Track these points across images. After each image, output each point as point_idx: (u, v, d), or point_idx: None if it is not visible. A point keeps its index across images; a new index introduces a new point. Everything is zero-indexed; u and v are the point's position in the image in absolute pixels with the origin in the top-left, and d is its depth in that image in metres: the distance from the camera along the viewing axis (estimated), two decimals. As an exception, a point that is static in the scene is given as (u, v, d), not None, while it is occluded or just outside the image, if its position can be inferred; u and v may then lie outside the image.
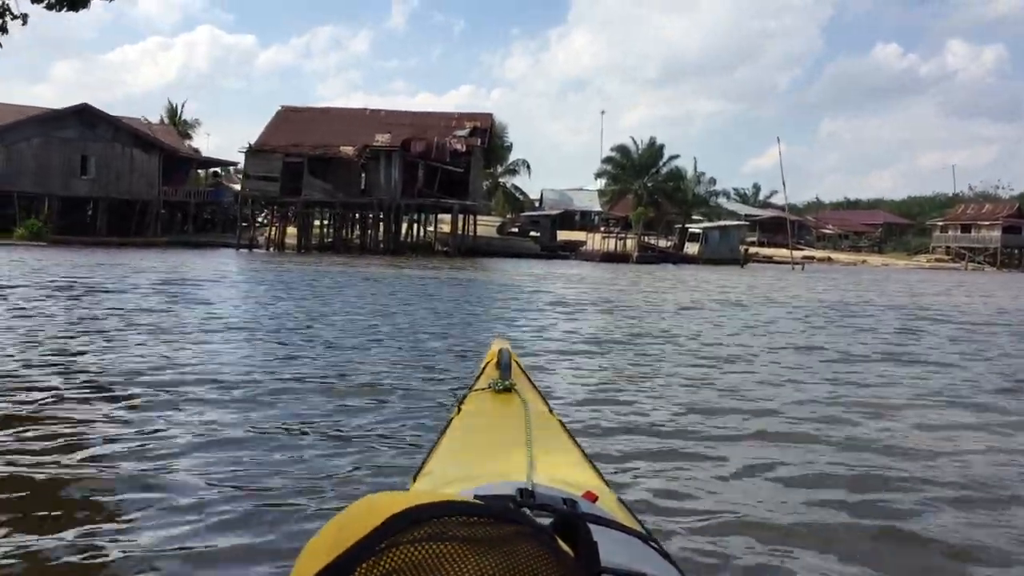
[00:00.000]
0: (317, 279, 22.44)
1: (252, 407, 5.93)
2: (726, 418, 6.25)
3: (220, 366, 7.73)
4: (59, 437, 4.93)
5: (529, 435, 1.58)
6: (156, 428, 5.23)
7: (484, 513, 0.59)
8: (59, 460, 4.45)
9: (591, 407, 6.45)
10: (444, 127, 51.38)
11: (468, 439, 1.80)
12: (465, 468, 1.55)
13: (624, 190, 73.84)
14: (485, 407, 1.94)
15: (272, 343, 9.54)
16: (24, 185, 50.66)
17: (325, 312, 13.47)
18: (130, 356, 8.09)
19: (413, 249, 50.33)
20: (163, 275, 20.90)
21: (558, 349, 10.08)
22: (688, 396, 7.13)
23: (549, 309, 15.68)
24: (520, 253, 52.40)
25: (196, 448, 4.76)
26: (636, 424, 5.93)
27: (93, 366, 7.44)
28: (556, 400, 6.38)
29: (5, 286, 15.91)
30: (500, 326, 12.37)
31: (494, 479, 1.37)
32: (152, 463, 4.43)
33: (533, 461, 1.43)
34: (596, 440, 5.27)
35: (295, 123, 51.49)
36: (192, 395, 6.27)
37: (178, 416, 5.59)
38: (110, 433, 5.12)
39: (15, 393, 6.13)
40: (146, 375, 7.04)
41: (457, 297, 17.66)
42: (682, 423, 6.03)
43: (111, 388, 6.51)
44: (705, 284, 27.93)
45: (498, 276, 28.36)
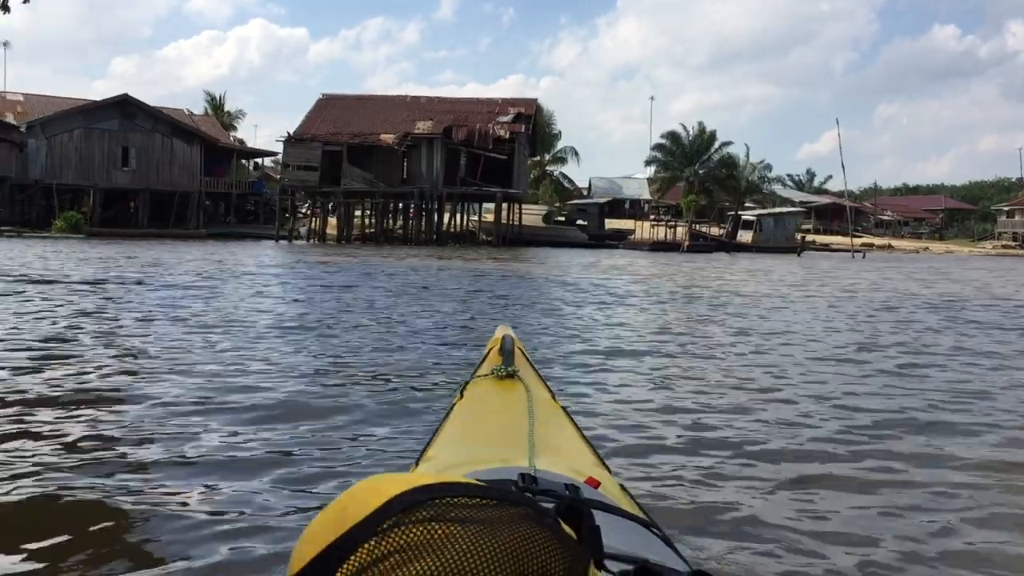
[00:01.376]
0: (346, 272, 21.13)
1: (261, 391, 5.89)
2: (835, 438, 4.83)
3: (230, 355, 7.51)
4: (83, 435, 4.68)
5: (531, 421, 1.58)
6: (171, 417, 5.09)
7: (486, 495, 0.59)
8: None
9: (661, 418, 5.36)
10: (487, 113, 49.85)
11: (470, 425, 1.79)
12: (467, 453, 1.55)
13: (675, 177, 72.39)
14: (488, 393, 1.92)
15: (287, 340, 8.63)
16: (66, 178, 50.30)
17: (344, 308, 12.07)
18: (90, 371, 6.75)
19: (456, 239, 48.95)
20: (181, 270, 19.73)
21: (610, 349, 8.62)
22: (782, 414, 5.56)
23: (598, 302, 14.11)
24: (566, 242, 50.73)
25: (208, 431, 4.77)
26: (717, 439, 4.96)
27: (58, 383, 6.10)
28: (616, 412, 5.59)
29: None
30: (542, 322, 10.87)
31: (496, 464, 1.37)
32: (169, 448, 4.40)
33: (535, 447, 1.43)
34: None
35: (335, 111, 50.32)
36: (203, 385, 6.11)
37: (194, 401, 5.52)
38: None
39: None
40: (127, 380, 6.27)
41: (491, 288, 16.19)
42: (788, 444, 4.86)
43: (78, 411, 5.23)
44: (764, 273, 26.09)
45: (541, 267, 26.81)
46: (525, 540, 0.57)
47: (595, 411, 5.57)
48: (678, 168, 72.08)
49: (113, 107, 51.89)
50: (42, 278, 15.85)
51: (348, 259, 27.63)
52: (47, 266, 19.53)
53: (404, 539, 0.55)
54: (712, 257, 42.13)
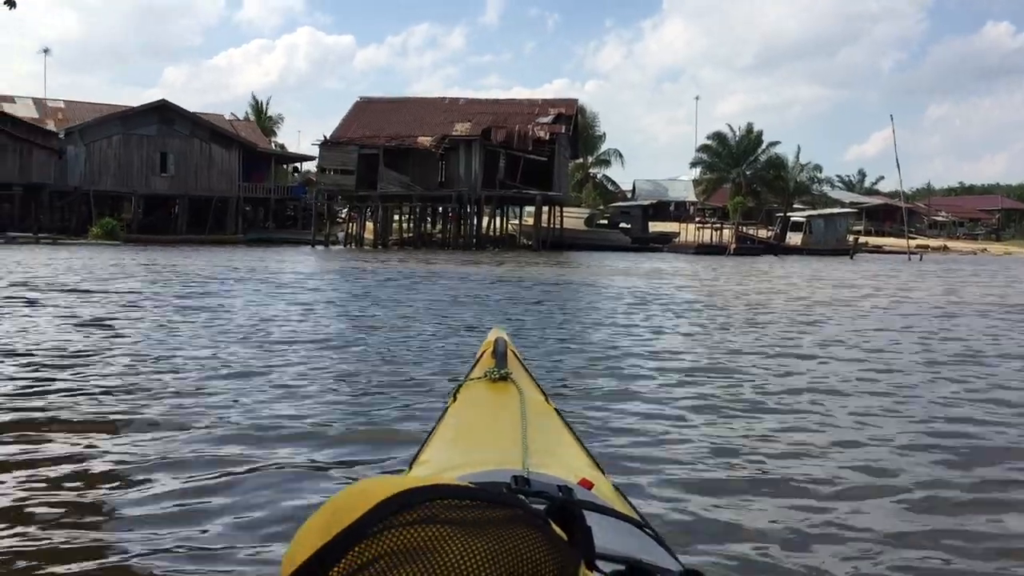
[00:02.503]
0: (375, 278, 20.12)
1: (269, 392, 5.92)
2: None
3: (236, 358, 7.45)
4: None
5: (525, 423, 1.59)
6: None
7: (476, 497, 0.59)
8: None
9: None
10: (527, 114, 48.69)
11: (463, 428, 1.79)
12: (460, 456, 1.55)
13: (721, 179, 70.76)
14: (481, 396, 1.93)
15: (303, 356, 7.87)
16: (105, 184, 50.16)
17: (353, 319, 11.01)
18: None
19: (495, 243, 47.82)
20: (199, 277, 18.85)
21: (662, 367, 7.44)
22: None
23: (643, 311, 12.88)
24: (609, 246, 49.35)
25: (206, 434, 4.76)
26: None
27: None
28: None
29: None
30: (582, 334, 9.70)
31: (489, 467, 1.37)
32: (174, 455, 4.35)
33: (528, 449, 1.44)
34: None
35: (372, 114, 49.50)
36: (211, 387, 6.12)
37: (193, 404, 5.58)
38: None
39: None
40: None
41: (524, 295, 15.05)
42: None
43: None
44: (818, 278, 24.58)
45: (580, 272, 25.60)
46: (515, 542, 0.57)
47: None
48: (724, 169, 70.35)
49: (151, 112, 51.67)
50: (60, 287, 15.04)
51: (378, 265, 26.68)
52: (67, 273, 18.79)
53: (394, 542, 0.55)
54: (760, 260, 40.50)
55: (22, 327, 9.38)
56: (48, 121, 53.06)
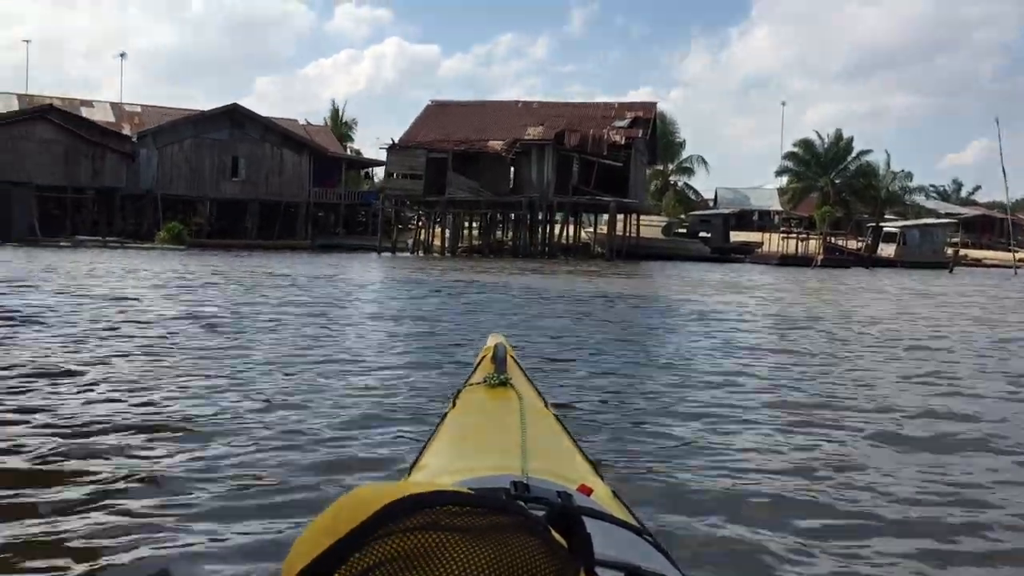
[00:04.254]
0: (425, 289, 18.54)
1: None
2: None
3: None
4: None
5: (524, 429, 1.58)
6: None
7: (477, 503, 0.59)
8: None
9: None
10: (602, 118, 46.69)
11: (463, 433, 1.79)
12: (459, 461, 1.55)
13: (808, 187, 68.04)
14: (480, 401, 1.92)
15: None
16: (176, 188, 49.91)
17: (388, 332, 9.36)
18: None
19: (567, 252, 45.88)
20: (239, 287, 17.51)
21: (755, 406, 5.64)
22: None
23: (722, 331, 10.92)
24: (687, 256, 47.02)
25: (206, 439, 4.69)
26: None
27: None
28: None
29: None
30: (654, 359, 7.88)
31: (488, 472, 1.37)
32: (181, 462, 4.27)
33: (527, 455, 1.44)
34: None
35: (443, 117, 48.09)
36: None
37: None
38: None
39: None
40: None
41: (590, 311, 13.22)
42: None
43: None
44: (926, 294, 22.08)
45: (654, 284, 23.60)
46: (516, 549, 0.57)
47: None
48: (812, 178, 67.52)
49: (223, 116, 51.29)
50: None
51: (435, 275, 25.13)
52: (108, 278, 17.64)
53: (395, 548, 0.55)
54: (850, 273, 37.68)
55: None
56: (124, 125, 53.19)
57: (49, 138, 45.82)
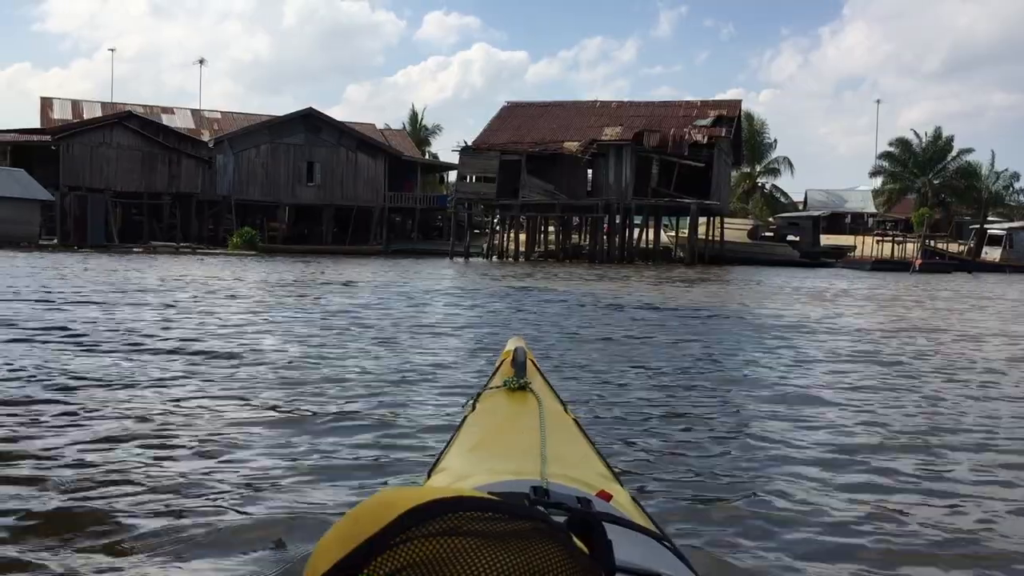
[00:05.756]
0: (497, 296, 17.20)
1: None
2: None
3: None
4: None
5: (543, 433, 1.58)
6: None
7: (499, 509, 0.59)
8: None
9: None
10: (683, 117, 44.73)
11: (482, 437, 1.79)
12: (479, 465, 1.55)
13: (904, 189, 64.99)
14: (499, 405, 1.92)
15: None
16: (252, 194, 49.89)
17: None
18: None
19: (646, 257, 44.03)
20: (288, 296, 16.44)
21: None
22: None
23: (813, 350, 9.24)
24: (774, 260, 44.69)
25: (224, 443, 4.50)
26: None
27: None
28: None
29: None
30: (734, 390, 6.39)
31: (507, 476, 1.37)
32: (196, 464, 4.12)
33: (547, 459, 1.44)
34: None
35: (518, 119, 46.76)
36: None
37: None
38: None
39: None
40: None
41: (658, 320, 11.65)
42: None
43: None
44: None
45: (735, 291, 21.77)
46: (537, 555, 0.57)
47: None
48: (908, 179, 64.31)
49: (298, 121, 51.08)
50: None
51: (505, 282, 23.81)
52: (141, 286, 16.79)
53: (416, 553, 0.55)
54: (952, 279, 34.90)
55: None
56: (204, 131, 53.51)
57: (128, 144, 46.17)
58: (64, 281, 17.21)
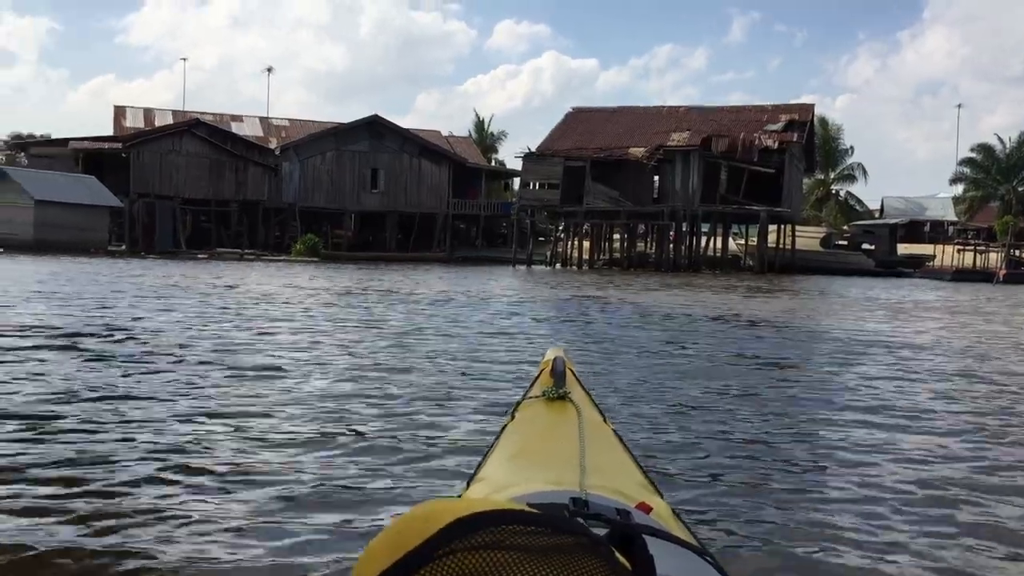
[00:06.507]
0: (556, 306, 16.52)
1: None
2: None
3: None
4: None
5: (582, 443, 1.58)
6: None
7: (542, 523, 0.59)
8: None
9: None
10: (753, 122, 43.46)
11: (521, 446, 1.79)
12: (517, 475, 1.55)
13: (987, 196, 62.73)
14: (538, 415, 1.91)
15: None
16: (317, 200, 50.08)
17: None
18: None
19: (713, 265, 42.85)
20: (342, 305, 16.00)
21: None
22: None
23: (901, 374, 8.37)
24: (848, 269, 43.12)
25: (262, 449, 4.47)
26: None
27: None
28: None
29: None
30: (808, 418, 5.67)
31: (546, 486, 1.38)
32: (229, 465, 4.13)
33: (586, 469, 1.43)
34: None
35: (583, 124, 46.02)
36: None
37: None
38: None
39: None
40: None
41: (721, 333, 10.84)
42: None
43: None
44: None
45: (806, 302, 20.72)
46: (579, 569, 0.56)
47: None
48: (991, 185, 61.93)
49: (363, 128, 51.14)
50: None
51: (566, 291, 23.12)
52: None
53: (459, 566, 0.55)
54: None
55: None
56: (272, 139, 53.93)
57: (196, 152, 46.71)
58: (99, 286, 17.05)
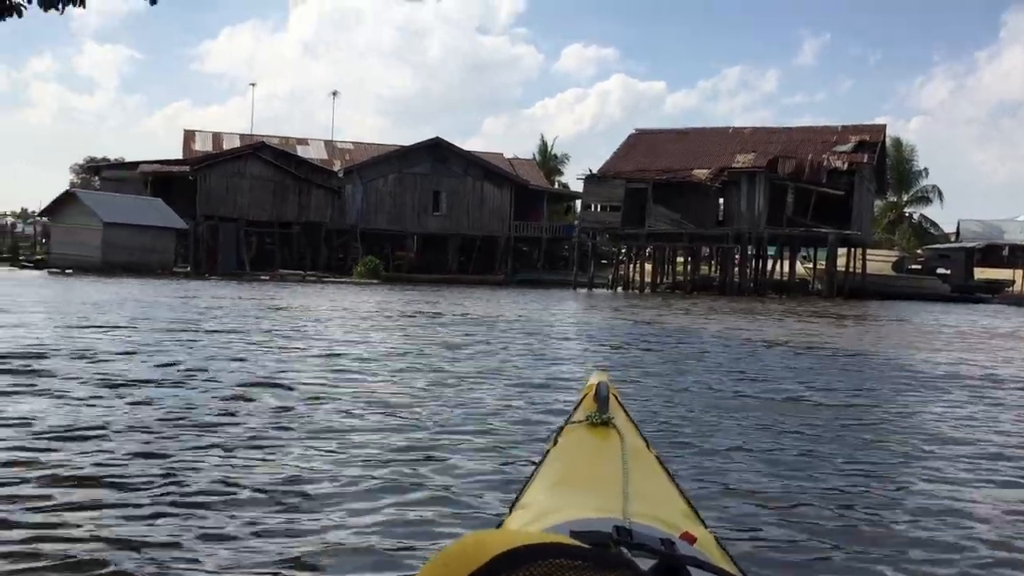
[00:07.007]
0: (613, 333, 15.98)
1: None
2: None
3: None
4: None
5: (626, 470, 1.58)
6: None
7: (588, 557, 0.59)
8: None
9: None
10: (821, 143, 42.34)
11: (564, 472, 1.78)
12: (560, 501, 1.55)
13: (1075, 217, 59.53)
14: (582, 440, 1.90)
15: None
16: (379, 223, 50.27)
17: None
18: None
19: (780, 289, 41.73)
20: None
21: None
22: None
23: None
24: (922, 295, 41.60)
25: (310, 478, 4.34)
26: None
27: None
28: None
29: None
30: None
31: (589, 514, 1.37)
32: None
33: (629, 497, 1.44)
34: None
35: (645, 146, 45.41)
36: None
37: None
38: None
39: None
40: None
41: (785, 365, 10.19)
42: None
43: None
44: None
45: (875, 330, 19.80)
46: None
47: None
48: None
49: (425, 151, 51.27)
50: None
51: (624, 316, 22.51)
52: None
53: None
54: None
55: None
56: (335, 162, 54.41)
57: (260, 175, 47.27)
58: (145, 308, 17.00)
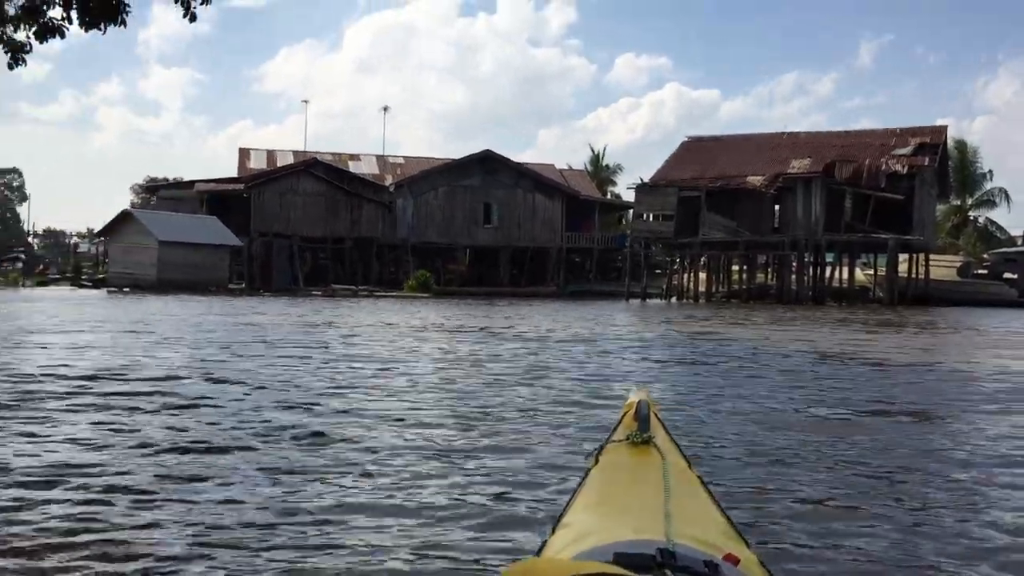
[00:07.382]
0: (664, 346, 15.57)
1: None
2: None
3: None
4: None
5: (667, 490, 1.57)
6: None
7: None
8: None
9: None
10: (880, 146, 41.32)
11: (605, 492, 1.77)
12: (602, 522, 1.55)
13: None
14: (623, 460, 1.89)
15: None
16: (430, 236, 50.31)
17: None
18: None
19: (839, 297, 40.71)
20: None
21: None
22: None
23: None
24: (988, 301, 40.26)
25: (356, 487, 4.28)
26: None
27: None
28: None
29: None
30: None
31: (631, 535, 1.37)
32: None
33: (671, 518, 1.43)
34: None
35: (698, 154, 44.79)
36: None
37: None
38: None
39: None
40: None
41: (846, 377, 9.68)
42: None
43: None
44: None
45: (938, 339, 19.03)
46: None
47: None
48: None
49: (476, 163, 51.25)
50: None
51: (676, 328, 22.01)
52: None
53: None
54: None
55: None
56: (387, 176, 54.64)
57: (313, 191, 47.66)
58: (173, 326, 16.97)
